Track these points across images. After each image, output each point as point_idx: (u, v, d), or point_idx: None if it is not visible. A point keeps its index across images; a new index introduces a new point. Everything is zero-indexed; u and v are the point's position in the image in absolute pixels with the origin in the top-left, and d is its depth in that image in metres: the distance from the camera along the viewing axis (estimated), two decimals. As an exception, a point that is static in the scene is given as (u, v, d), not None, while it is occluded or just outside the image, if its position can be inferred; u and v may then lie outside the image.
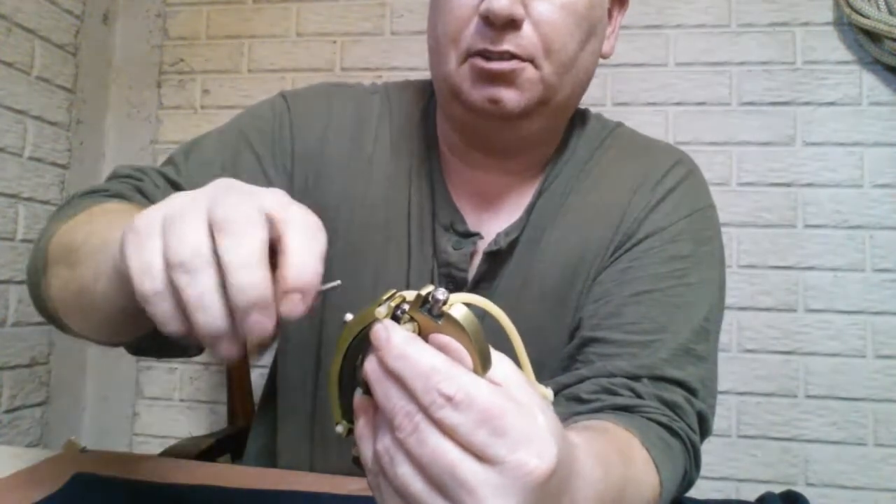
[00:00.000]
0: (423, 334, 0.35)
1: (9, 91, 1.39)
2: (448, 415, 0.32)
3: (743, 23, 1.52)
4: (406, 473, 0.33)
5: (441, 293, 0.34)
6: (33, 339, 1.48)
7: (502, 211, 0.72)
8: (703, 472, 1.48)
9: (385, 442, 0.34)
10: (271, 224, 0.36)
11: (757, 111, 1.50)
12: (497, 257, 0.70)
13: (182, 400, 1.65)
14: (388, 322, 0.35)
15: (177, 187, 0.69)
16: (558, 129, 0.73)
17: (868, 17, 1.38)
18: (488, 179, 0.72)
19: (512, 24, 0.61)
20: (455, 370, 0.33)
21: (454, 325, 0.34)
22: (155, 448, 1.58)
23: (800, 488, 1.33)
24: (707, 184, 0.77)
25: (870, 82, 1.47)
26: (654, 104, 1.54)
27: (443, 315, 0.35)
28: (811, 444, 1.43)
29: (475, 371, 0.34)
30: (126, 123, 1.72)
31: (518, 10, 0.61)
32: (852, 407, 1.42)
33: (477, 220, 0.72)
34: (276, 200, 0.37)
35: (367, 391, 0.36)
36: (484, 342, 0.34)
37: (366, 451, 0.36)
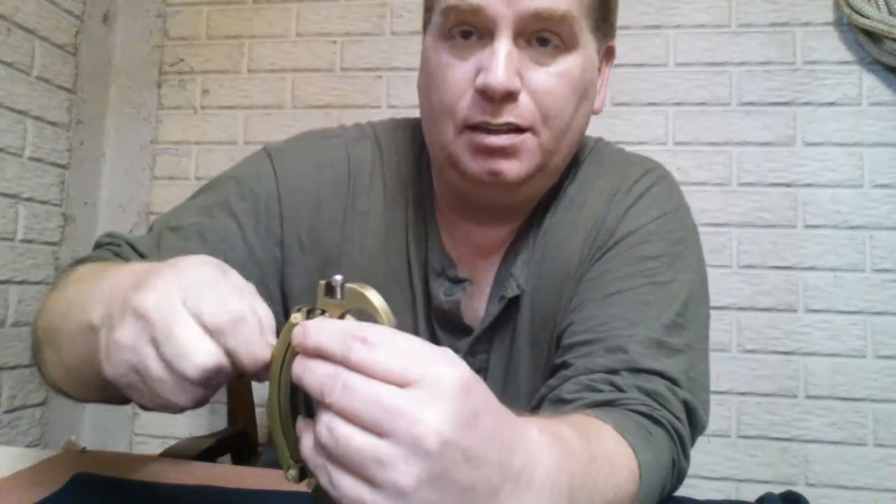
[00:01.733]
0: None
1: (9, 91, 1.40)
2: (365, 355, 0.35)
3: (743, 23, 1.52)
4: (344, 433, 0.34)
5: (338, 277, 0.39)
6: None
7: (493, 255, 0.74)
8: (703, 472, 1.47)
9: (322, 421, 0.35)
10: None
11: (757, 111, 1.50)
12: (514, 299, 0.72)
13: (182, 400, 1.65)
14: (303, 322, 0.38)
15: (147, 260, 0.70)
16: (550, 185, 0.74)
17: (868, 17, 1.38)
18: (481, 232, 0.74)
19: (510, 97, 0.62)
20: (365, 323, 0.37)
21: (356, 296, 0.38)
22: (155, 448, 1.58)
23: (800, 488, 1.33)
24: (680, 188, 0.77)
25: (870, 82, 1.47)
26: (654, 104, 1.54)
27: (345, 292, 0.38)
28: (811, 444, 1.43)
29: None
30: (126, 123, 1.72)
31: (515, 83, 0.61)
32: (852, 407, 1.42)
33: (472, 266, 0.74)
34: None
35: (308, 415, 0.38)
36: (384, 303, 0.38)
37: (308, 452, 0.37)
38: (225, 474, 0.64)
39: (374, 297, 0.37)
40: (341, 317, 0.38)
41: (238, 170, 0.77)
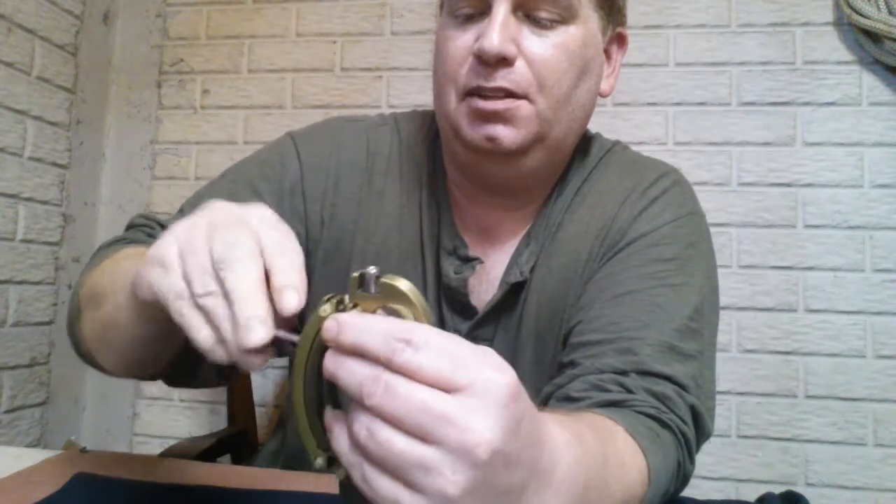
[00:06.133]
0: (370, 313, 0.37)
1: (9, 91, 1.39)
2: (410, 357, 0.33)
3: (743, 23, 1.52)
4: (386, 437, 0.33)
5: (373, 269, 0.37)
6: (33, 339, 1.48)
7: (506, 244, 0.75)
8: (703, 472, 1.47)
9: (360, 421, 0.34)
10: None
11: (757, 111, 1.50)
12: (517, 287, 0.72)
13: (182, 400, 1.65)
14: (335, 314, 0.36)
15: None
16: (557, 166, 0.74)
17: (868, 17, 1.38)
18: (490, 214, 0.75)
19: (504, 62, 0.64)
20: (407, 322, 0.35)
21: (391, 291, 0.36)
22: (155, 448, 1.58)
23: (800, 488, 1.33)
24: (695, 194, 0.78)
25: (870, 82, 1.47)
26: (654, 104, 1.54)
27: (379, 286, 0.36)
28: (811, 444, 1.43)
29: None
30: (126, 123, 1.72)
31: (510, 49, 0.63)
32: (852, 407, 1.42)
33: (483, 252, 0.74)
34: (261, 220, 0.42)
35: (335, 405, 0.37)
36: (422, 300, 0.36)
37: (343, 449, 0.36)
38: (225, 474, 0.64)
39: (412, 294, 0.36)
40: (374, 311, 0.37)
41: (262, 153, 0.79)
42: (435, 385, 0.33)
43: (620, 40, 0.75)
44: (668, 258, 0.69)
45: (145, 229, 0.73)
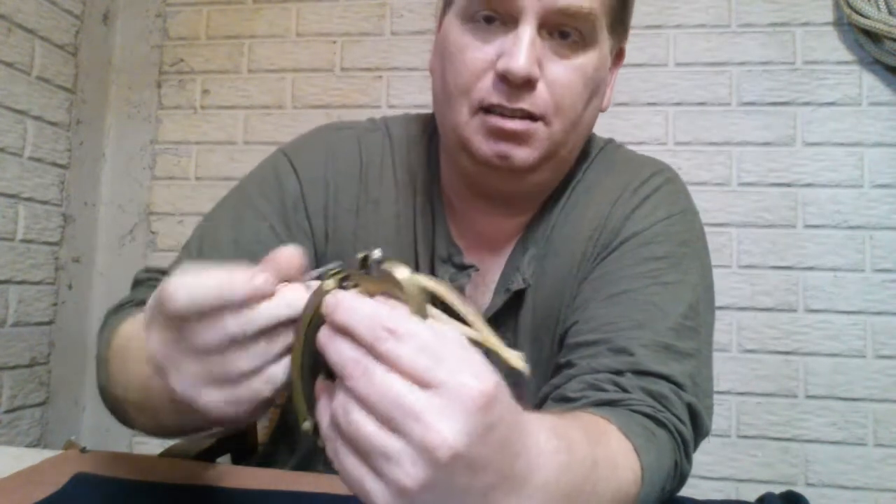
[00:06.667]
0: (369, 296, 0.38)
1: (9, 91, 1.40)
2: (391, 347, 0.34)
3: (743, 23, 1.52)
4: (358, 419, 0.34)
5: (377, 253, 0.37)
6: (33, 339, 1.48)
7: (501, 248, 0.75)
8: (703, 472, 1.47)
9: (339, 399, 0.35)
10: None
11: (757, 111, 1.50)
12: (519, 293, 0.72)
13: (182, 400, 1.65)
14: (336, 290, 0.37)
15: None
16: (559, 178, 0.75)
17: (868, 17, 1.38)
18: (488, 221, 0.74)
19: (528, 84, 0.63)
20: (396, 312, 0.36)
21: (391, 280, 0.37)
22: (155, 448, 1.58)
23: (800, 488, 1.33)
24: (688, 191, 0.77)
25: (870, 82, 1.47)
26: (654, 104, 1.54)
27: (380, 272, 0.37)
28: (811, 444, 1.43)
29: None
30: (126, 123, 1.72)
31: (535, 71, 0.63)
32: (852, 407, 1.42)
33: (479, 258, 0.74)
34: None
35: (328, 376, 0.38)
36: (420, 296, 0.37)
37: (324, 422, 0.37)
38: (225, 474, 0.64)
39: (408, 284, 0.36)
40: (373, 295, 0.37)
41: (257, 174, 0.78)
42: (411, 378, 0.34)
43: (619, 56, 0.75)
44: (660, 256, 0.69)
45: (152, 283, 0.71)
